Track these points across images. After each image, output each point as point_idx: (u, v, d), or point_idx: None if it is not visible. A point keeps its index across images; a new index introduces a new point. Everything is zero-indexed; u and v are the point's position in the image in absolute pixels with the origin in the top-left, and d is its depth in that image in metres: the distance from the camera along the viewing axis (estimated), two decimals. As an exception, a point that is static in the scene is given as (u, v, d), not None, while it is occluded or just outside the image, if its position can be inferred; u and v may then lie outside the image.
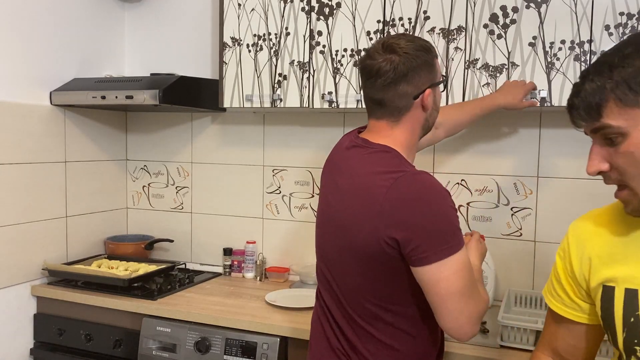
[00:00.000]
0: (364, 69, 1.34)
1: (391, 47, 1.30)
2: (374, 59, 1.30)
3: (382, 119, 1.35)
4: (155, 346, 2.15)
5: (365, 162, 1.31)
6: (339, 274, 1.36)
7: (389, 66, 1.28)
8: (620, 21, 1.77)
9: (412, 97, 1.31)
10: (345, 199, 1.31)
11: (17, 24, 2.29)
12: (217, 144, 2.72)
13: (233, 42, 2.30)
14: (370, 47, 1.35)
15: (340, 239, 1.32)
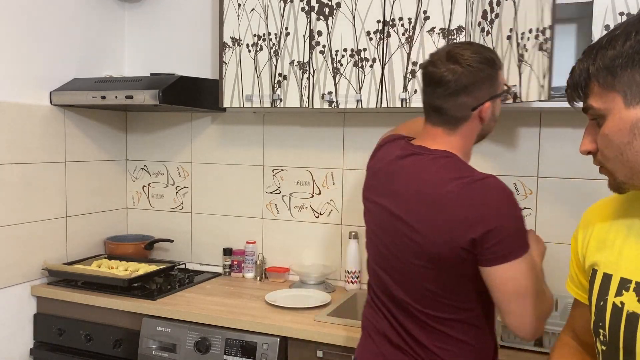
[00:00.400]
0: (425, 75, 1.36)
1: (455, 57, 1.31)
2: (436, 67, 1.33)
3: (439, 125, 1.38)
4: (155, 346, 2.15)
5: (429, 169, 1.33)
6: (407, 281, 1.36)
7: (451, 77, 1.30)
8: (620, 21, 1.76)
9: (470, 109, 1.34)
10: (413, 207, 1.32)
11: (17, 24, 2.29)
12: (217, 144, 2.72)
13: (233, 42, 2.30)
14: (434, 53, 1.37)
15: (409, 247, 1.33)
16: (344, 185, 2.50)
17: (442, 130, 1.37)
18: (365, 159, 2.44)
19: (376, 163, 1.50)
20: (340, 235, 2.51)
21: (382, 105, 2.07)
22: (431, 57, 1.37)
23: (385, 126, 2.40)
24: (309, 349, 1.94)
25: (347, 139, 2.48)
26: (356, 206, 2.47)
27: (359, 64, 2.09)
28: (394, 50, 2.04)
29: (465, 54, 1.31)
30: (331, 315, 2.07)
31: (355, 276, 2.41)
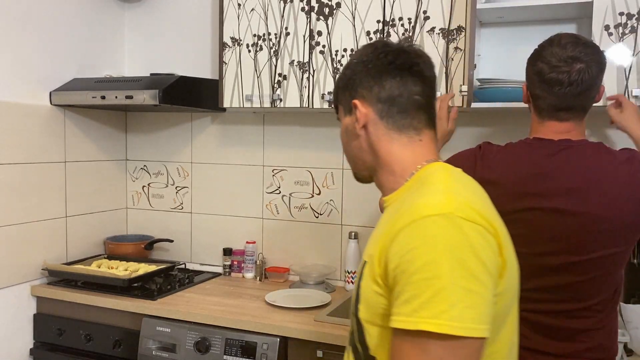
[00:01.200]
0: (551, 80, 1.39)
1: (578, 57, 1.36)
2: (561, 71, 1.37)
3: (568, 121, 1.41)
4: (155, 346, 2.15)
5: (595, 158, 1.36)
6: (580, 274, 1.35)
7: (584, 76, 1.36)
8: (620, 21, 1.77)
9: (594, 99, 1.43)
10: (601, 199, 1.32)
11: (17, 24, 2.29)
12: (217, 144, 2.72)
13: (233, 42, 2.30)
14: (547, 54, 1.40)
15: (601, 241, 1.33)
16: (344, 185, 2.50)
17: (573, 124, 1.41)
18: (365, 159, 2.45)
19: (502, 170, 1.40)
20: (340, 235, 2.51)
21: (382, 105, 2.06)
22: (546, 62, 1.40)
23: (385, 126, 2.39)
24: (309, 349, 1.94)
25: (347, 139, 2.47)
26: (356, 206, 2.47)
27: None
28: (394, 50, 2.03)
29: (584, 51, 1.36)
30: (331, 315, 2.07)
31: (355, 276, 2.41)
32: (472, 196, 0.95)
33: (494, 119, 2.23)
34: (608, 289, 1.38)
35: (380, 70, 1.06)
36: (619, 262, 1.38)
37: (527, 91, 1.47)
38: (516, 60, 2.15)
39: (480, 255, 0.84)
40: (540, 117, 1.44)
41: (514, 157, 1.41)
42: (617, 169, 1.33)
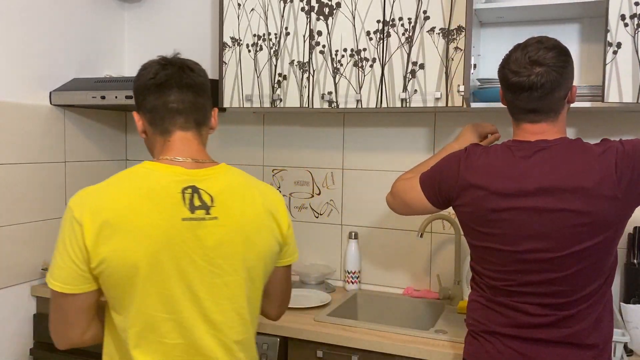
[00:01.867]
0: (514, 84, 1.42)
1: (538, 61, 1.39)
2: (522, 76, 1.40)
3: (540, 122, 1.45)
4: (155, 346, 2.15)
5: (569, 156, 1.39)
6: (569, 265, 1.38)
7: (543, 80, 1.39)
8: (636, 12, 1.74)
9: (564, 99, 1.45)
10: (578, 195, 1.34)
11: (17, 24, 2.29)
12: (217, 144, 2.72)
13: (233, 42, 2.30)
14: (511, 60, 1.43)
15: (579, 234, 1.35)
16: (344, 185, 2.50)
17: (545, 124, 1.45)
18: (365, 159, 2.46)
19: (483, 173, 1.45)
20: (340, 235, 2.51)
21: (382, 105, 2.06)
22: (508, 66, 1.44)
23: (386, 126, 2.40)
24: (309, 349, 1.94)
25: (347, 139, 2.48)
26: (356, 206, 2.47)
27: (358, 64, 2.09)
28: (394, 50, 2.04)
29: (545, 55, 1.39)
30: (331, 315, 2.07)
31: (355, 276, 2.41)
32: (100, 193, 1.22)
33: (494, 119, 2.23)
34: (598, 277, 1.40)
35: (143, 86, 1.31)
36: (606, 249, 1.39)
37: (502, 96, 1.52)
38: (516, 60, 2.16)
39: (64, 236, 1.19)
40: (515, 120, 1.51)
41: (494, 160, 1.46)
42: (592, 164, 1.36)
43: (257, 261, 1.29)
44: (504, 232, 1.41)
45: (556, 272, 1.38)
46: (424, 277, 2.37)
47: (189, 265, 1.20)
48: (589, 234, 1.35)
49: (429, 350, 1.78)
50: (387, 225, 2.42)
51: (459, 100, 1.96)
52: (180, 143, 1.28)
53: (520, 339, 1.43)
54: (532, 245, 1.39)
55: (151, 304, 1.19)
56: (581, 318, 1.40)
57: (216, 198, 1.24)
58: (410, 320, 2.23)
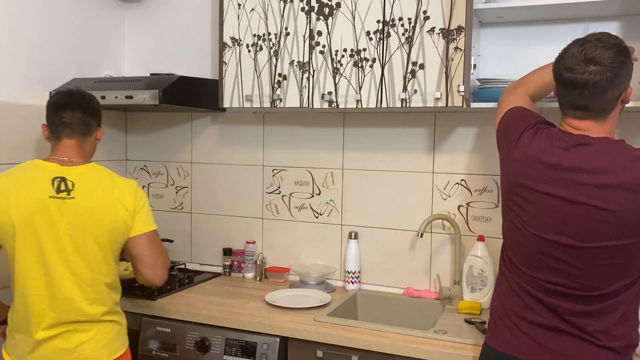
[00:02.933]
0: (567, 80, 1.41)
1: (593, 59, 1.38)
2: (577, 73, 1.39)
3: (587, 119, 1.45)
4: (155, 346, 2.15)
5: (606, 155, 1.39)
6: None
7: (597, 78, 1.37)
8: None
9: (617, 99, 1.44)
10: (602, 193, 1.36)
11: (17, 24, 2.29)
12: (217, 144, 2.72)
13: (233, 42, 2.30)
14: (567, 56, 1.42)
15: (600, 230, 1.36)
16: (344, 185, 2.50)
17: (592, 123, 1.44)
18: (365, 159, 2.46)
19: (524, 153, 1.49)
20: (340, 235, 2.51)
21: (382, 105, 2.06)
22: (566, 62, 1.42)
23: (386, 126, 2.40)
24: (309, 349, 1.94)
25: (347, 139, 2.48)
26: (356, 206, 2.47)
27: (358, 64, 2.09)
28: (394, 50, 2.04)
29: (602, 54, 1.37)
30: (331, 315, 2.07)
31: (355, 276, 2.41)
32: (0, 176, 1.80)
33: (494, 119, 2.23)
34: (622, 278, 1.40)
35: (49, 106, 1.86)
36: (633, 253, 1.38)
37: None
38: (516, 60, 2.17)
39: None
40: (562, 112, 1.51)
41: (539, 143, 1.48)
42: (625, 165, 1.36)
43: (101, 231, 1.75)
44: (531, 214, 1.45)
45: (576, 263, 1.39)
46: (424, 277, 2.37)
47: (53, 228, 1.71)
48: (612, 232, 1.36)
49: (429, 350, 1.78)
50: (387, 225, 2.42)
51: (459, 100, 1.96)
52: (64, 147, 1.83)
53: (538, 327, 1.45)
54: (553, 233, 1.41)
55: (25, 251, 1.71)
56: (600, 315, 1.41)
57: (76, 185, 1.75)
58: (410, 320, 2.23)
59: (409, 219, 2.37)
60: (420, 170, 2.35)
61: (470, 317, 2.06)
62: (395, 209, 2.40)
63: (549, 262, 1.43)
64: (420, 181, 2.35)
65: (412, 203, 2.37)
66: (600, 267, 1.38)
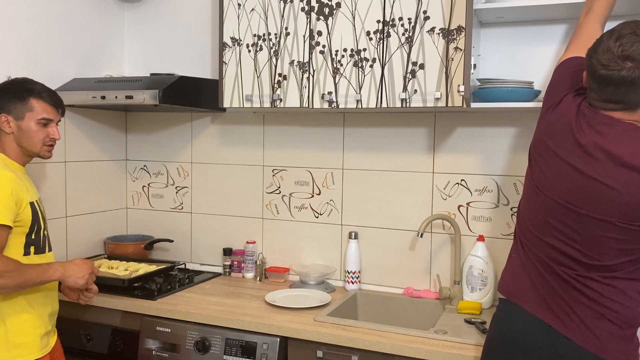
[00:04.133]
0: (602, 77, 1.40)
1: (630, 56, 1.36)
2: (613, 70, 1.38)
3: (617, 111, 1.43)
4: (155, 346, 2.15)
5: (627, 136, 1.40)
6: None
7: (634, 75, 1.36)
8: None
9: None
10: (614, 172, 1.38)
11: (17, 24, 2.29)
12: (217, 144, 2.72)
13: (233, 42, 2.30)
14: (601, 50, 1.39)
15: (606, 207, 1.40)
16: (344, 185, 2.50)
17: (621, 113, 1.43)
18: (365, 159, 2.46)
19: (559, 119, 1.52)
20: (340, 235, 2.51)
21: (382, 105, 2.06)
22: (600, 57, 1.40)
23: (385, 126, 2.40)
24: (309, 349, 1.94)
25: (347, 139, 2.48)
26: (356, 206, 2.47)
27: (358, 64, 2.09)
28: (394, 50, 2.04)
29: (639, 49, 1.36)
30: (331, 315, 2.07)
31: (355, 276, 2.41)
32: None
33: (494, 119, 2.23)
34: (625, 254, 1.42)
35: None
36: (638, 235, 1.40)
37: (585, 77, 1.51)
38: (516, 60, 2.17)
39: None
40: (590, 100, 1.49)
41: (571, 114, 1.49)
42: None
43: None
44: (544, 176, 1.51)
45: (579, 229, 1.43)
46: (424, 277, 2.37)
47: None
48: (616, 210, 1.38)
49: (429, 350, 1.78)
50: (387, 225, 2.42)
51: (459, 100, 1.96)
52: None
53: (544, 306, 1.49)
54: (563, 198, 1.46)
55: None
56: (602, 285, 1.43)
57: None
58: (410, 320, 2.23)
59: (409, 219, 2.37)
60: (420, 170, 2.35)
61: (470, 317, 2.06)
62: (395, 209, 2.40)
63: (557, 227, 1.47)
64: (420, 181, 2.35)
65: (412, 203, 2.37)
66: (601, 238, 1.41)
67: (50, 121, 1.86)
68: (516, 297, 1.56)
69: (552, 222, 1.49)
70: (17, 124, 1.81)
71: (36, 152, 1.85)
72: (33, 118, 1.81)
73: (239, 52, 2.29)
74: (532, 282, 1.53)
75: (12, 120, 1.81)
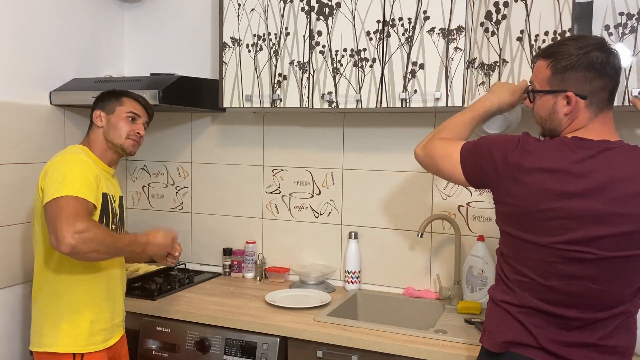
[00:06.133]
0: (614, 65, 1.39)
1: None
2: (616, 57, 1.39)
3: (610, 110, 1.42)
4: (155, 346, 2.15)
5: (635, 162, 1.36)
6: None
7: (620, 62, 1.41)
8: (620, 21, 1.77)
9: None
10: (629, 201, 1.32)
11: (17, 24, 2.29)
12: (217, 144, 2.72)
13: (233, 42, 2.30)
14: (594, 56, 1.38)
15: (625, 241, 1.33)
16: (344, 185, 2.50)
17: (611, 115, 1.43)
18: (365, 159, 2.45)
19: (546, 164, 1.38)
20: (340, 235, 2.51)
21: (382, 105, 2.06)
22: (609, 50, 1.39)
23: (385, 126, 2.40)
24: (309, 349, 1.94)
25: (347, 139, 2.48)
26: (356, 206, 2.47)
27: (358, 64, 2.09)
28: (394, 50, 2.04)
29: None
30: (331, 315, 2.07)
31: (355, 276, 2.41)
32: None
33: (494, 119, 2.23)
34: (628, 286, 1.38)
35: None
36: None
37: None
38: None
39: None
40: (595, 112, 1.43)
41: (553, 152, 1.40)
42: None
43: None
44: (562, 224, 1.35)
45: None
46: (424, 277, 2.37)
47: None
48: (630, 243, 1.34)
49: (429, 350, 1.78)
50: (387, 225, 2.42)
51: (459, 100, 1.96)
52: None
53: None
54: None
55: None
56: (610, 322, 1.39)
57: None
58: (410, 320, 2.23)
59: (408, 219, 2.37)
60: (421, 170, 2.34)
61: (470, 317, 2.06)
62: (395, 209, 2.40)
63: (567, 272, 1.39)
64: (420, 181, 2.35)
65: (412, 203, 2.37)
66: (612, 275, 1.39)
67: (137, 117, 1.94)
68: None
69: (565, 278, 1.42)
70: (108, 117, 1.91)
71: (120, 144, 1.91)
72: (122, 112, 1.91)
73: (239, 52, 2.29)
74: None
75: (104, 115, 1.91)
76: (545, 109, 1.45)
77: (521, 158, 1.41)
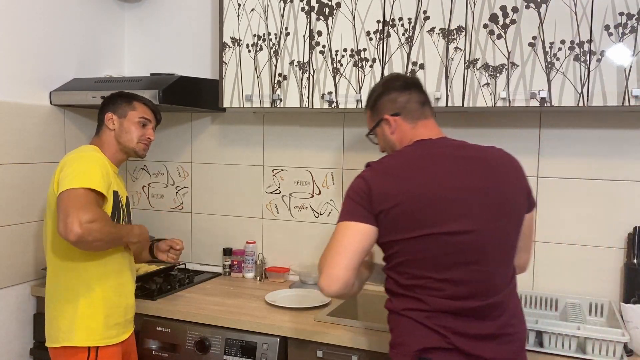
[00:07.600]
0: (415, 81, 1.63)
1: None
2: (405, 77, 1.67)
3: (431, 116, 1.59)
4: (155, 346, 2.15)
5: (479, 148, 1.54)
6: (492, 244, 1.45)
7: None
8: (620, 21, 1.77)
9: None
10: (499, 179, 1.48)
11: (17, 24, 2.29)
12: (217, 144, 2.72)
13: (233, 42, 2.30)
14: (391, 87, 1.60)
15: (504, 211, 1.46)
16: (344, 185, 2.50)
17: (432, 120, 1.60)
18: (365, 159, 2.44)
19: (418, 159, 1.52)
20: (340, 235, 2.51)
21: (382, 105, 2.06)
22: (401, 75, 1.69)
23: (385, 126, 2.39)
24: (309, 349, 1.94)
25: (347, 139, 2.48)
26: (356, 206, 2.47)
27: (358, 64, 2.09)
28: (394, 50, 2.04)
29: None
30: (331, 315, 2.07)
31: (355, 276, 2.41)
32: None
33: (493, 119, 2.23)
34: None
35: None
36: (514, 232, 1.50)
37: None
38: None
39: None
40: (413, 121, 1.61)
41: (432, 152, 1.56)
42: (503, 155, 1.55)
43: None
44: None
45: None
46: (424, 277, 2.37)
47: None
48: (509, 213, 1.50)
49: (429, 350, 1.78)
50: (387, 225, 2.42)
51: (459, 100, 1.96)
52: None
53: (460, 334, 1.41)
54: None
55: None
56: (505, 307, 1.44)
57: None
58: (410, 320, 2.23)
59: (409, 219, 2.37)
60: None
61: (470, 317, 2.06)
62: (395, 209, 2.40)
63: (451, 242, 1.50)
64: (420, 181, 2.35)
65: (412, 203, 2.37)
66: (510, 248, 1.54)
67: (148, 122, 1.99)
68: None
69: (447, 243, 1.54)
70: (120, 121, 1.95)
71: (132, 148, 1.95)
72: (134, 116, 1.95)
73: (239, 52, 2.29)
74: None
75: (117, 118, 1.95)
76: (382, 140, 1.64)
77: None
